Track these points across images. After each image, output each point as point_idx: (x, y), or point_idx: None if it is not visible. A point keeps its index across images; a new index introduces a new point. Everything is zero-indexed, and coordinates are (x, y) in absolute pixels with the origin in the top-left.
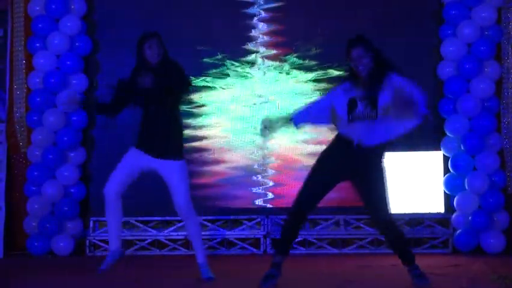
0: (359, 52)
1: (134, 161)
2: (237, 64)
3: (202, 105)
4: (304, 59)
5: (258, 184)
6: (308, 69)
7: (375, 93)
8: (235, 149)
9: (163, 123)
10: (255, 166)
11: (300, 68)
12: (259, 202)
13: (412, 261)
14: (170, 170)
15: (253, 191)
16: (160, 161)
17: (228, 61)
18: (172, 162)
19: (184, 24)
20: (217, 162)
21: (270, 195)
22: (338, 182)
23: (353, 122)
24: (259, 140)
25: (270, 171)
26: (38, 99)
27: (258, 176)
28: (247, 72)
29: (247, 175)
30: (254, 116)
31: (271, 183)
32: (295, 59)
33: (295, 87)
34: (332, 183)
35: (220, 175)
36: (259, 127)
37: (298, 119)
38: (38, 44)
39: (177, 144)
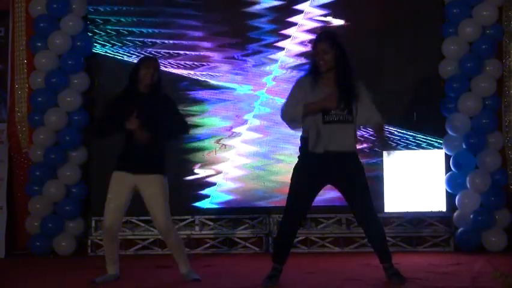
0: (323, 46)
1: (122, 188)
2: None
3: (204, 102)
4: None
5: (260, 183)
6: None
7: (350, 96)
8: (237, 147)
9: (147, 145)
10: (258, 166)
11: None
12: (261, 201)
13: (390, 258)
14: (151, 185)
15: (256, 189)
16: (139, 177)
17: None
18: (151, 176)
19: (186, 23)
20: (219, 160)
21: (272, 194)
22: (320, 189)
23: (328, 123)
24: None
25: (273, 171)
26: (40, 99)
27: (261, 175)
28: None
29: (249, 174)
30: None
31: (272, 183)
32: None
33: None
34: (314, 194)
35: (223, 173)
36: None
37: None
38: (39, 44)
39: (158, 159)
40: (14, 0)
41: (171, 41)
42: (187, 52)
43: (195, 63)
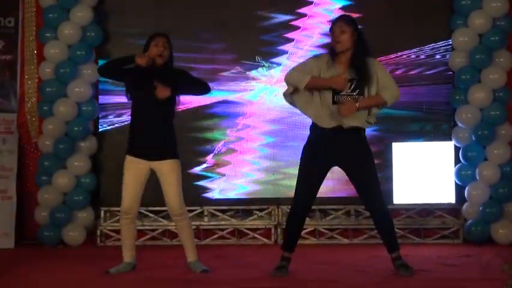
0: (340, 27)
1: (137, 172)
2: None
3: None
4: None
5: (269, 174)
6: None
7: (362, 77)
8: (247, 141)
9: (156, 125)
10: (266, 157)
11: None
12: (269, 192)
13: (398, 248)
14: (165, 170)
15: (263, 180)
16: (155, 163)
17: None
18: (167, 162)
19: (195, 14)
20: (229, 152)
21: (282, 185)
22: (328, 170)
23: (337, 103)
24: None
25: (281, 162)
26: (49, 89)
27: (269, 166)
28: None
29: (258, 165)
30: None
31: (281, 175)
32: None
33: None
34: (323, 175)
35: (232, 165)
36: None
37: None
38: (49, 34)
39: (171, 143)
40: None
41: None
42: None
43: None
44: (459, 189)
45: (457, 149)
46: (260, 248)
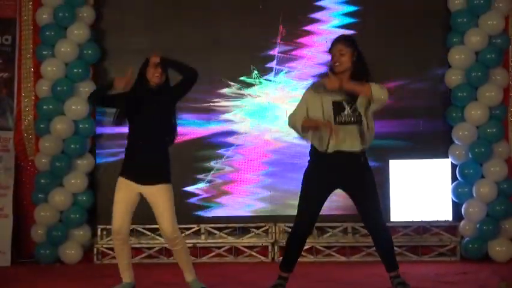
0: (340, 47)
1: (127, 194)
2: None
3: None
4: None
5: (266, 192)
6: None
7: (365, 101)
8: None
9: (150, 149)
10: (265, 173)
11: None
12: (266, 210)
13: (397, 268)
14: (157, 195)
15: (261, 198)
16: (147, 187)
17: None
18: (158, 186)
19: (192, 33)
20: (225, 169)
21: (278, 203)
22: (329, 193)
23: (340, 124)
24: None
25: (280, 179)
26: (46, 107)
27: (267, 183)
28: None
29: (255, 182)
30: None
31: (279, 191)
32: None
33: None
34: (324, 197)
35: (229, 183)
36: None
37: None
38: (46, 52)
39: (164, 168)
40: (21, 8)
41: None
42: None
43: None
44: (456, 207)
45: (453, 166)
46: (257, 266)
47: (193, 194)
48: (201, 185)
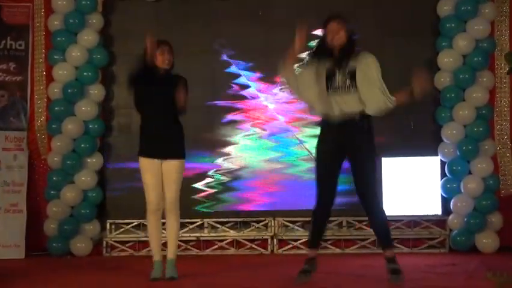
0: (337, 25)
1: (154, 172)
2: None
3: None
4: None
5: (265, 187)
6: None
7: (352, 65)
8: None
9: (166, 125)
10: (265, 169)
11: None
12: (266, 205)
13: (391, 247)
14: (172, 169)
15: (262, 193)
16: (167, 161)
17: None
18: (175, 161)
19: (199, 38)
20: (228, 165)
21: (277, 197)
22: (342, 158)
23: (333, 95)
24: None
25: (277, 175)
26: (58, 108)
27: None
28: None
29: (254, 178)
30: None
31: (277, 187)
32: None
33: None
34: (338, 168)
35: (230, 178)
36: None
37: None
38: (57, 57)
39: (181, 144)
40: (34, 15)
41: None
42: None
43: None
44: (445, 202)
45: (442, 163)
46: (257, 258)
47: (198, 190)
48: (205, 182)
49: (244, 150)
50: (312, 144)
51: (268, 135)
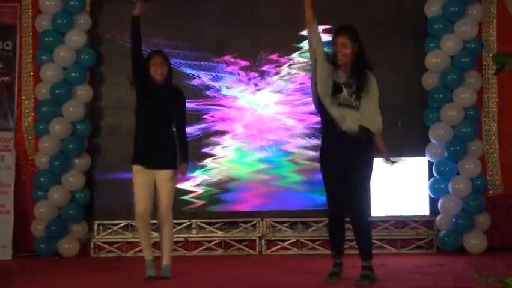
0: (343, 40)
1: (145, 179)
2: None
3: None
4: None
5: (253, 188)
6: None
7: (360, 85)
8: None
9: (158, 135)
10: (251, 171)
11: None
12: (254, 205)
13: (371, 257)
14: (165, 179)
15: (250, 194)
16: (159, 172)
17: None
18: (167, 171)
19: (187, 39)
20: (215, 165)
21: (265, 198)
22: (347, 167)
23: (337, 106)
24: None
25: (265, 176)
26: (45, 109)
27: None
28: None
29: (244, 179)
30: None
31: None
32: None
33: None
34: (344, 172)
35: (219, 179)
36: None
37: None
38: (45, 57)
39: (172, 153)
40: (21, 15)
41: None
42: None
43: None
44: (433, 202)
45: (430, 164)
46: (245, 258)
47: (186, 191)
48: (193, 182)
49: (233, 148)
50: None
51: (259, 133)
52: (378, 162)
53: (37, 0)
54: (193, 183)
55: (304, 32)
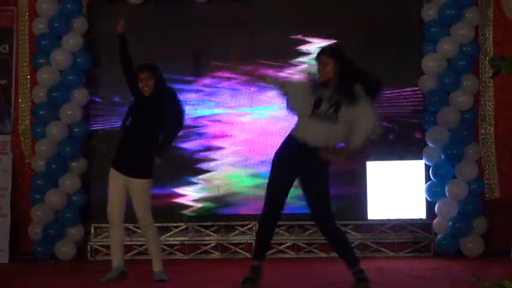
0: (323, 59)
1: (118, 183)
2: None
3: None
4: None
5: (250, 190)
6: None
7: (340, 101)
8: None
9: (137, 145)
10: (249, 173)
11: None
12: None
13: (357, 261)
14: (135, 188)
15: (246, 197)
16: (130, 180)
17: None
18: (138, 180)
19: (182, 41)
20: (211, 168)
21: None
22: (294, 179)
23: (312, 119)
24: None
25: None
26: (42, 112)
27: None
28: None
29: (240, 181)
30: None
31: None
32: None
33: None
34: (290, 182)
35: (214, 182)
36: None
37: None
38: (41, 60)
39: (146, 165)
40: (18, 19)
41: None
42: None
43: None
44: (429, 205)
45: (427, 167)
46: (242, 262)
47: (182, 195)
48: (190, 186)
49: (230, 152)
50: None
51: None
52: (376, 165)
53: (34, 4)
54: (191, 198)
55: (302, 47)
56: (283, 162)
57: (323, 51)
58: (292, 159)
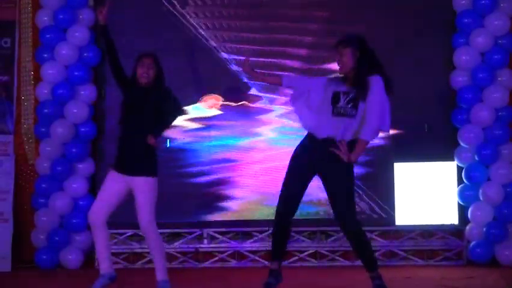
0: (339, 49)
1: (113, 185)
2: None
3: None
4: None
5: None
6: None
7: (360, 94)
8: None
9: (136, 142)
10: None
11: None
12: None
13: (374, 269)
14: (139, 187)
15: (265, 202)
16: (131, 178)
17: None
18: (140, 179)
19: (191, 36)
20: (228, 173)
21: None
22: (312, 176)
23: (334, 116)
24: None
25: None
26: (46, 110)
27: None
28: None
29: (258, 186)
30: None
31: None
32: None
33: None
34: (307, 179)
35: (231, 188)
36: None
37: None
38: (46, 55)
39: (148, 161)
40: (21, 10)
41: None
42: None
43: None
44: (462, 210)
45: (459, 169)
46: (261, 271)
47: (196, 198)
48: (204, 190)
49: (244, 156)
50: None
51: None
52: (404, 167)
53: None
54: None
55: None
56: (299, 154)
57: (340, 41)
58: (308, 153)
